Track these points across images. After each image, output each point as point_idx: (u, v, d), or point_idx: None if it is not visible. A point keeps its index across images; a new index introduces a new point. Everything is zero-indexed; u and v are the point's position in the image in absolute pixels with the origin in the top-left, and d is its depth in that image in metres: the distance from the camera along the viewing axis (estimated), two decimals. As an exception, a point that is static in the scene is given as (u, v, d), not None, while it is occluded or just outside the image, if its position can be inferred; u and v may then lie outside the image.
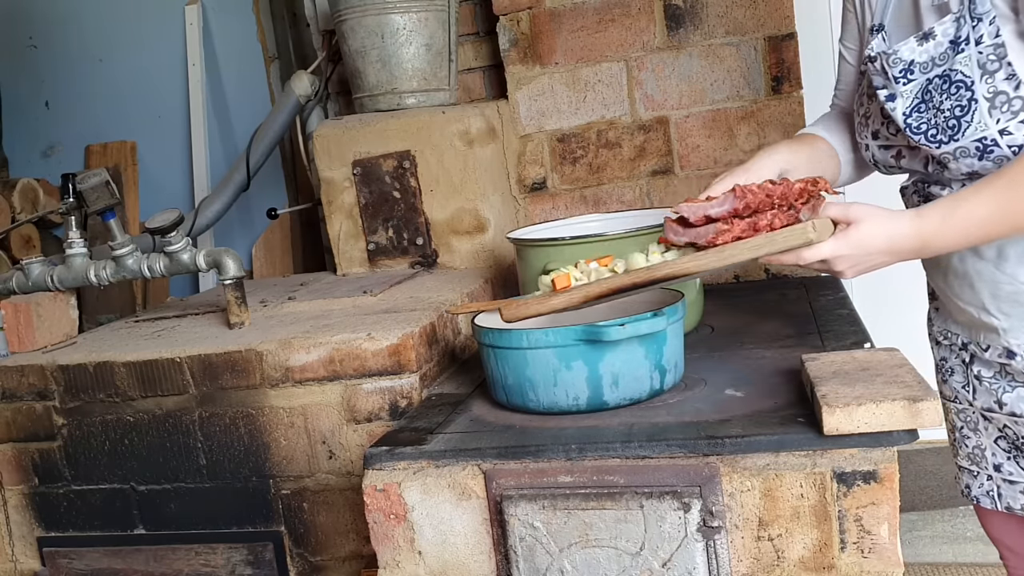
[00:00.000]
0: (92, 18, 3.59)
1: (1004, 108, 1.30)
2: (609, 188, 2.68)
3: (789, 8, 2.51)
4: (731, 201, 1.31)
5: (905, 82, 1.40)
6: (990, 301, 1.43)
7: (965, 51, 1.32)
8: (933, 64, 1.37)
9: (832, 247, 1.31)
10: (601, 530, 1.32)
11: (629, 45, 2.60)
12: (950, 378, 1.60)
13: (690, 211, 1.35)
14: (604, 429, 1.43)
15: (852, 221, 1.32)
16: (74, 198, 2.14)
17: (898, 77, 1.40)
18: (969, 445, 1.60)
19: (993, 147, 1.31)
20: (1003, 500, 1.57)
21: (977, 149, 1.33)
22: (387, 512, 1.43)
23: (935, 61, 1.36)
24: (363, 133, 2.48)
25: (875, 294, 2.83)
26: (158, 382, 1.91)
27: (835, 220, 1.34)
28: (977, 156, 1.34)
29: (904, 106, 1.40)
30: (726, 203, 1.32)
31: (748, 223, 1.32)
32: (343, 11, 2.54)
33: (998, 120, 1.30)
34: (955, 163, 1.37)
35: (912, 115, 1.39)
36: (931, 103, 1.37)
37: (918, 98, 1.38)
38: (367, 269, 2.54)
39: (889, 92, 1.42)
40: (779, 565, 1.29)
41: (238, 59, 3.48)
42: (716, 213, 1.32)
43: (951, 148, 1.35)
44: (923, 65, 1.38)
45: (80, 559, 2.01)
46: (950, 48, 1.34)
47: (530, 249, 1.95)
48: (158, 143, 3.59)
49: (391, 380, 1.80)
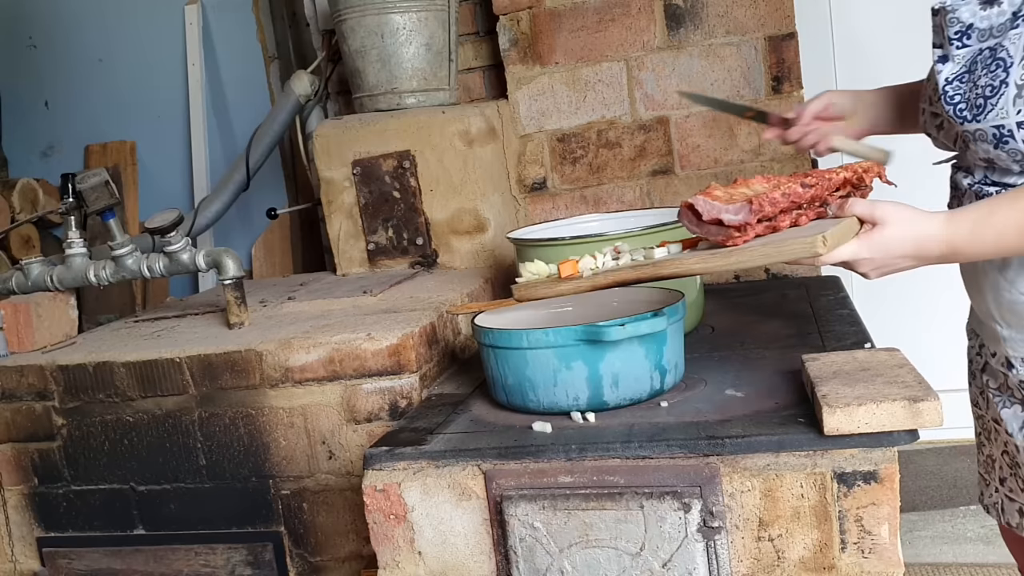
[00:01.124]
0: (92, 18, 3.59)
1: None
2: (609, 188, 2.68)
3: (789, 8, 2.51)
4: (744, 213, 1.25)
5: (959, 46, 1.28)
6: (994, 306, 1.36)
7: (1019, 27, 1.21)
8: (991, 34, 1.25)
9: (853, 249, 1.25)
10: (601, 530, 1.31)
11: (629, 45, 2.60)
12: (972, 382, 1.53)
13: (705, 208, 1.29)
14: (604, 429, 1.43)
15: (878, 222, 1.26)
16: (74, 198, 2.14)
17: (953, 38, 1.29)
18: (984, 452, 1.53)
19: (1008, 138, 1.22)
20: (1004, 515, 1.50)
21: (994, 136, 1.24)
22: (387, 512, 1.43)
23: (993, 31, 1.25)
24: (363, 133, 2.48)
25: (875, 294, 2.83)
26: (158, 382, 1.91)
27: (861, 219, 1.28)
28: (993, 143, 1.24)
29: (949, 72, 1.29)
30: (740, 213, 1.26)
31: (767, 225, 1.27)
32: (343, 11, 2.54)
33: (1020, 111, 1.20)
34: (974, 145, 1.27)
35: (953, 83, 1.28)
36: (973, 75, 1.26)
37: (964, 67, 1.27)
38: (367, 269, 2.54)
39: (943, 52, 1.31)
40: (779, 565, 1.28)
41: (238, 59, 3.48)
42: (728, 220, 1.27)
43: (971, 128, 1.26)
44: (981, 33, 1.26)
45: (80, 559, 2.01)
46: (1010, 19, 1.23)
47: (530, 249, 1.95)
48: (158, 143, 3.59)
49: (391, 380, 1.80)
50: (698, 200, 1.30)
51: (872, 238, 1.25)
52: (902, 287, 2.23)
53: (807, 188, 1.30)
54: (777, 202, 1.27)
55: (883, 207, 1.26)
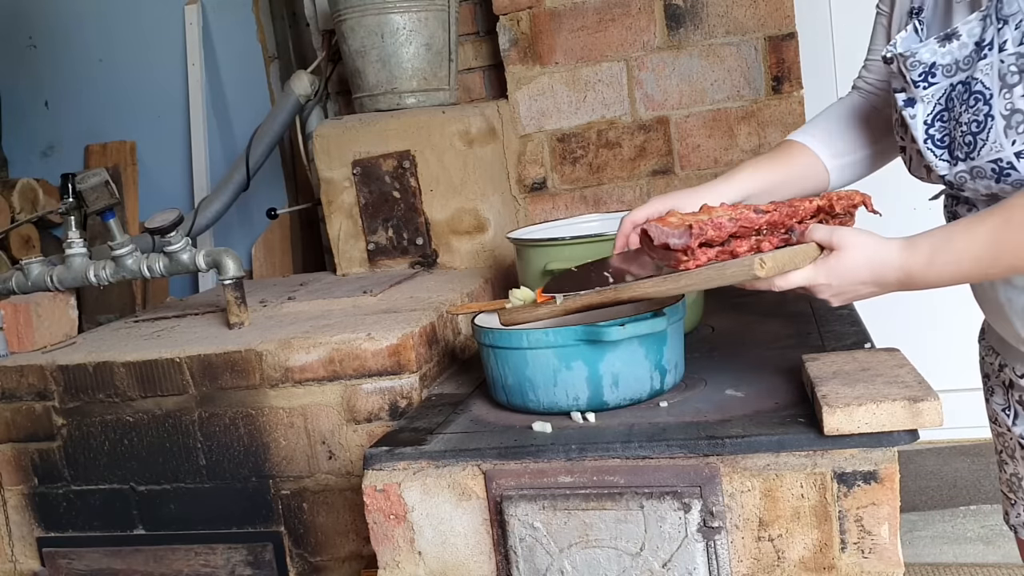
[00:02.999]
0: (92, 18, 3.59)
1: (1021, 128, 1.14)
2: (609, 188, 2.68)
3: (789, 8, 2.51)
4: (686, 237, 1.27)
5: (926, 86, 1.24)
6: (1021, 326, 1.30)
7: (988, 57, 1.16)
8: (957, 68, 1.21)
9: (807, 275, 1.24)
10: (601, 530, 1.31)
11: (629, 45, 2.60)
12: (991, 398, 1.48)
13: (655, 233, 1.33)
14: (604, 429, 1.43)
15: (836, 248, 1.23)
16: (74, 198, 2.14)
17: (918, 81, 1.24)
18: (1007, 471, 1.49)
19: (1010, 170, 1.16)
20: None
21: (993, 171, 1.18)
22: (387, 512, 1.43)
23: (959, 65, 1.20)
24: (363, 133, 2.48)
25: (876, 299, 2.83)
26: (158, 382, 1.91)
27: (820, 245, 1.26)
28: (994, 178, 1.19)
29: (924, 113, 1.24)
30: (682, 237, 1.27)
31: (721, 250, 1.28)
32: (343, 11, 2.54)
33: (1014, 141, 1.14)
34: (972, 183, 1.22)
35: (935, 124, 1.24)
36: (953, 112, 1.21)
37: (941, 104, 1.23)
38: (367, 269, 2.54)
39: (907, 96, 1.26)
40: (779, 565, 1.28)
41: (238, 59, 3.48)
42: (673, 244, 1.30)
43: (967, 167, 1.21)
44: (947, 68, 1.22)
45: (80, 559, 2.01)
46: (975, 51, 1.18)
47: (530, 249, 1.95)
48: (158, 143, 3.59)
49: (391, 380, 1.80)
50: (650, 226, 1.35)
51: (828, 263, 1.23)
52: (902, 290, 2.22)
53: (761, 214, 1.30)
54: (723, 226, 1.27)
55: (841, 232, 1.24)
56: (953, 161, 1.23)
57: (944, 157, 1.24)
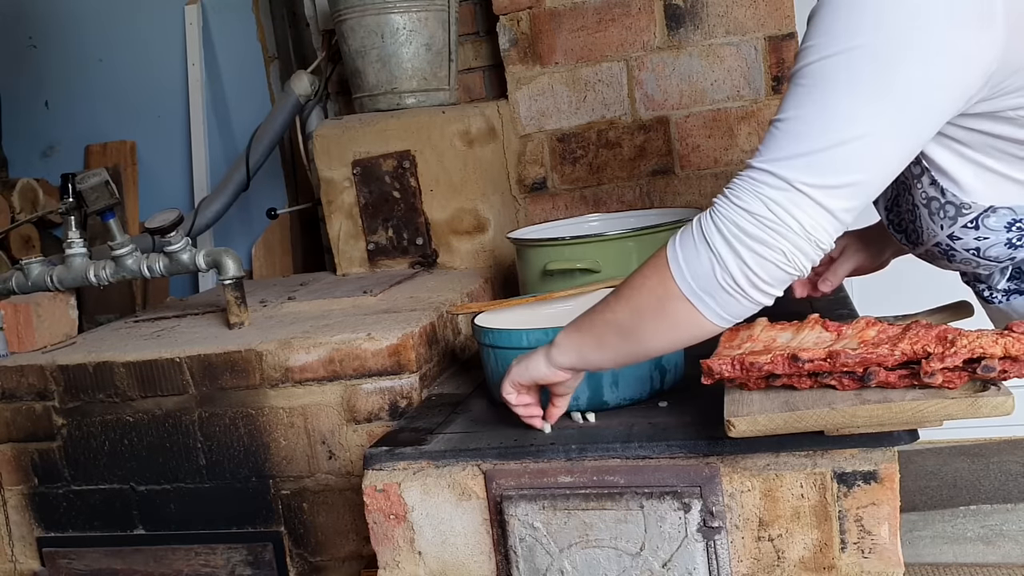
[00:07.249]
0: (92, 18, 3.59)
1: (940, 214, 1.16)
2: (609, 188, 2.68)
3: (789, 8, 2.51)
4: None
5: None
6: None
7: None
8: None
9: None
10: (601, 530, 1.31)
11: (629, 45, 2.60)
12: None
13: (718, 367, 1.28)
14: (604, 429, 1.43)
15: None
16: (74, 198, 2.14)
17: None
18: None
19: (952, 252, 1.19)
20: None
21: (940, 253, 1.21)
22: (387, 512, 1.43)
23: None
24: (363, 133, 2.48)
25: (875, 294, 2.83)
26: (158, 382, 1.91)
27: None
28: (945, 259, 1.22)
29: (885, 199, 1.28)
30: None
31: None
32: (343, 11, 2.54)
33: (941, 226, 1.17)
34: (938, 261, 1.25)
35: (893, 210, 1.27)
36: (898, 202, 1.25)
37: (893, 191, 1.27)
38: (367, 269, 2.54)
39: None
40: (779, 565, 1.28)
41: (238, 59, 3.48)
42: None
43: (923, 250, 1.24)
44: None
45: (80, 559, 2.01)
46: None
47: (530, 249, 1.95)
48: (158, 143, 3.59)
49: (391, 380, 1.80)
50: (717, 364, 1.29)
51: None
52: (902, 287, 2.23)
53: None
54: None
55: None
56: (911, 245, 1.27)
57: (904, 241, 1.28)
